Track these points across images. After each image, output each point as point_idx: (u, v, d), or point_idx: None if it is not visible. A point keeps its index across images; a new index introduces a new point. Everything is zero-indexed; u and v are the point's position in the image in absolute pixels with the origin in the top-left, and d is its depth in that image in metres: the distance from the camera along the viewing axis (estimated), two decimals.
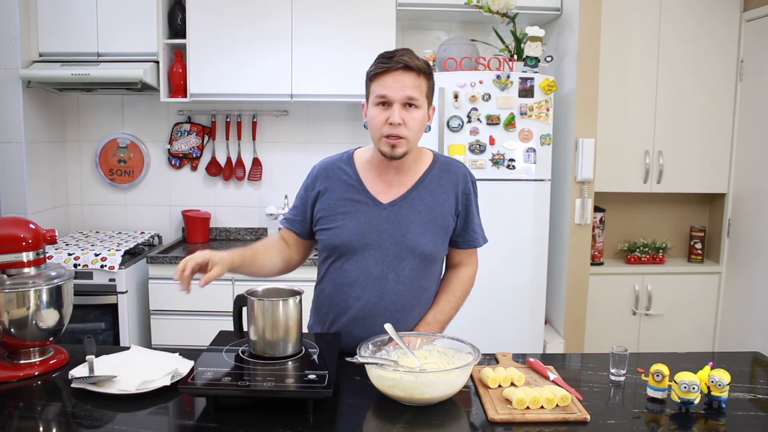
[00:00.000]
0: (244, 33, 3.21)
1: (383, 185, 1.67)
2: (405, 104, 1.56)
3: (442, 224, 1.67)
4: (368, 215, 1.64)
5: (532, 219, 3.10)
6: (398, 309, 1.65)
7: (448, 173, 1.70)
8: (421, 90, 1.57)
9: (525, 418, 1.29)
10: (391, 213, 1.64)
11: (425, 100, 1.60)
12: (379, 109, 1.57)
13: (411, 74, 1.55)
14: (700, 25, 3.41)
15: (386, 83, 1.55)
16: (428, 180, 1.68)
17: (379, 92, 1.56)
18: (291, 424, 1.25)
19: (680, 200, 3.75)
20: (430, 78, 1.62)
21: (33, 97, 3.23)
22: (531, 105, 3.03)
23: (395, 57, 1.55)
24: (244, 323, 1.48)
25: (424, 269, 1.67)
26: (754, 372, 1.63)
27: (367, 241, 1.63)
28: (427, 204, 1.66)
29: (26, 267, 1.52)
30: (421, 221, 1.65)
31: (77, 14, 3.19)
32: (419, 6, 3.29)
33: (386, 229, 1.64)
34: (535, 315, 3.16)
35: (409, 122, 1.56)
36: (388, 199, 1.66)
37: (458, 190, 1.69)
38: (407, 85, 1.55)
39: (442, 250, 1.71)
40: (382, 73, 1.55)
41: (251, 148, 3.64)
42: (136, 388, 1.37)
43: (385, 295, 1.64)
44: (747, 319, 3.35)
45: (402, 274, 1.64)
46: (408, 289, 1.66)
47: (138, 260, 3.17)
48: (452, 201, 1.68)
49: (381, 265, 1.64)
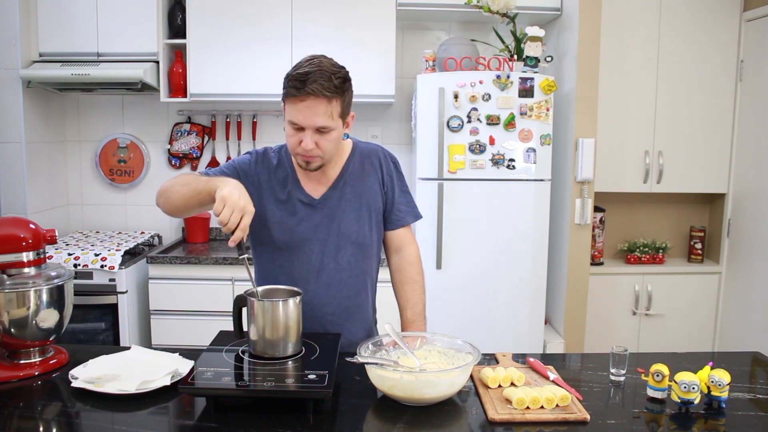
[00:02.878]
0: (244, 33, 3.21)
1: (312, 181, 1.72)
2: (317, 130, 1.55)
3: (373, 207, 1.74)
4: (304, 212, 1.70)
5: (532, 219, 3.10)
6: (345, 296, 1.72)
7: (369, 158, 1.77)
8: (333, 115, 1.54)
9: (525, 418, 1.29)
10: (325, 206, 1.70)
11: (339, 121, 1.57)
12: (292, 129, 1.57)
13: (322, 102, 1.51)
14: (700, 25, 3.41)
15: (298, 109, 1.52)
16: (351, 169, 1.74)
17: (290, 118, 1.55)
18: (291, 424, 1.25)
19: (680, 200, 3.75)
20: (345, 92, 1.57)
21: (33, 97, 3.23)
22: (531, 105, 3.03)
23: (306, 85, 1.49)
24: (244, 323, 1.48)
25: (362, 254, 1.74)
26: (754, 372, 1.63)
27: (305, 237, 1.69)
28: (356, 191, 1.72)
29: (26, 267, 1.52)
30: (352, 209, 1.71)
31: (77, 14, 3.19)
32: (419, 6, 3.29)
33: (322, 223, 1.70)
34: (535, 315, 3.16)
35: (322, 144, 1.57)
36: (318, 194, 1.71)
37: (382, 171, 1.76)
38: (318, 113, 1.51)
39: (376, 232, 1.77)
40: (294, 97, 1.52)
41: (251, 148, 3.63)
42: (136, 388, 1.37)
43: (330, 285, 1.70)
44: (747, 319, 3.35)
45: (342, 261, 1.71)
46: (350, 276, 1.73)
47: (138, 260, 3.17)
48: (378, 183, 1.76)
49: (320, 256, 1.70)
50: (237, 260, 3.07)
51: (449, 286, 3.09)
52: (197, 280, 3.09)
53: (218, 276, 3.10)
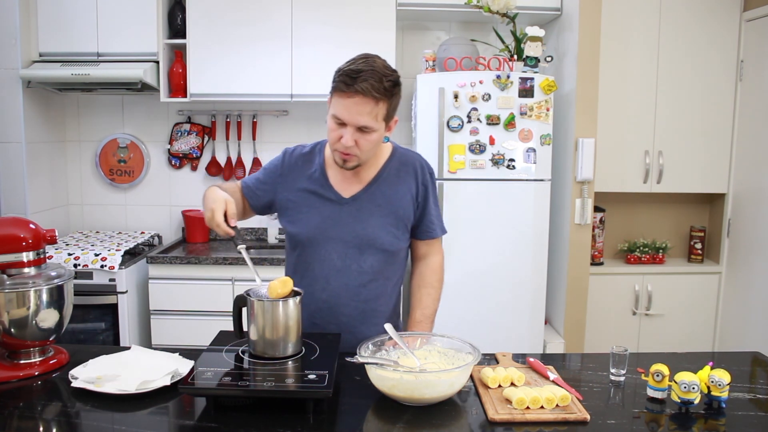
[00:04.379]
0: (244, 33, 3.21)
1: (345, 181, 1.71)
2: (359, 128, 1.56)
3: (403, 215, 1.72)
4: (330, 209, 1.69)
5: (532, 219, 3.10)
6: (363, 299, 1.70)
7: (406, 165, 1.75)
8: (378, 116, 1.55)
9: (525, 418, 1.29)
10: (353, 207, 1.69)
11: (381, 124, 1.58)
12: (334, 123, 1.58)
13: (369, 102, 1.52)
14: (700, 25, 3.41)
15: (344, 104, 1.54)
16: (387, 173, 1.72)
17: (335, 112, 1.56)
18: (291, 424, 1.25)
19: (680, 200, 3.75)
20: (394, 96, 1.58)
21: (33, 97, 3.23)
22: (531, 105, 3.03)
23: (357, 82, 1.51)
24: (244, 323, 1.48)
25: (385, 260, 1.72)
26: (754, 372, 1.63)
27: (330, 235, 1.69)
28: (387, 197, 1.71)
29: (26, 267, 1.52)
30: (381, 214, 1.70)
31: (77, 14, 3.19)
32: (419, 6, 3.30)
33: (348, 224, 1.69)
34: (535, 315, 3.16)
35: (361, 143, 1.58)
36: (349, 194, 1.70)
37: (417, 181, 1.74)
38: (363, 112, 1.53)
39: (403, 240, 1.75)
40: (342, 93, 1.53)
41: (251, 148, 3.64)
42: (136, 388, 1.37)
43: (349, 287, 1.69)
44: (747, 319, 3.35)
45: (364, 265, 1.69)
46: (371, 279, 1.70)
47: (138, 260, 3.17)
48: (412, 192, 1.73)
49: (343, 257, 1.69)
50: (237, 260, 3.07)
51: (449, 285, 3.02)
52: (197, 280, 3.09)
53: (218, 276, 3.10)
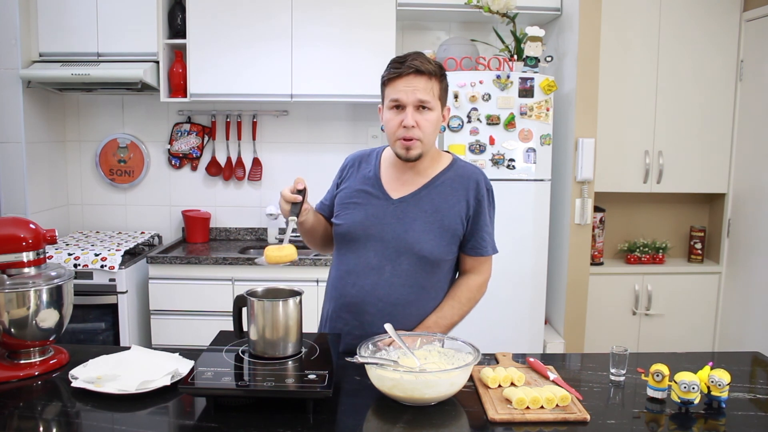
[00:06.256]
0: (244, 33, 3.21)
1: (398, 183, 1.73)
2: (418, 107, 1.61)
3: (448, 227, 1.69)
4: (376, 208, 1.71)
5: (532, 219, 3.10)
6: (391, 302, 1.68)
7: (463, 177, 1.73)
8: (433, 92, 1.62)
9: (525, 418, 1.29)
10: (398, 209, 1.70)
11: (438, 102, 1.64)
12: (393, 113, 1.63)
13: (422, 78, 1.60)
14: (700, 25, 3.41)
15: (398, 87, 1.61)
16: (440, 182, 1.72)
17: (392, 96, 1.62)
18: (291, 424, 1.25)
19: (680, 200, 3.75)
20: (443, 79, 1.67)
21: (33, 97, 3.23)
22: (531, 105, 3.03)
23: (406, 62, 1.60)
24: (244, 323, 1.48)
25: (423, 268, 1.68)
26: (754, 372, 1.63)
27: (370, 232, 1.69)
28: (435, 204, 1.69)
29: (26, 267, 1.52)
30: (425, 220, 1.68)
31: (77, 14, 3.19)
32: (419, 6, 3.29)
33: (390, 224, 1.69)
34: (535, 315, 3.16)
35: (422, 124, 1.62)
36: (398, 195, 1.72)
37: (470, 195, 1.71)
38: (419, 88, 1.60)
39: (446, 252, 1.71)
40: (395, 77, 1.61)
41: (251, 148, 3.64)
42: (136, 388, 1.37)
43: (379, 286, 1.68)
44: (747, 319, 3.35)
45: (399, 268, 1.68)
46: (403, 284, 1.68)
47: (138, 260, 3.17)
48: (462, 205, 1.70)
49: (380, 257, 1.68)
50: (237, 260, 3.09)
51: None
52: (197, 280, 3.10)
53: (218, 276, 3.10)
